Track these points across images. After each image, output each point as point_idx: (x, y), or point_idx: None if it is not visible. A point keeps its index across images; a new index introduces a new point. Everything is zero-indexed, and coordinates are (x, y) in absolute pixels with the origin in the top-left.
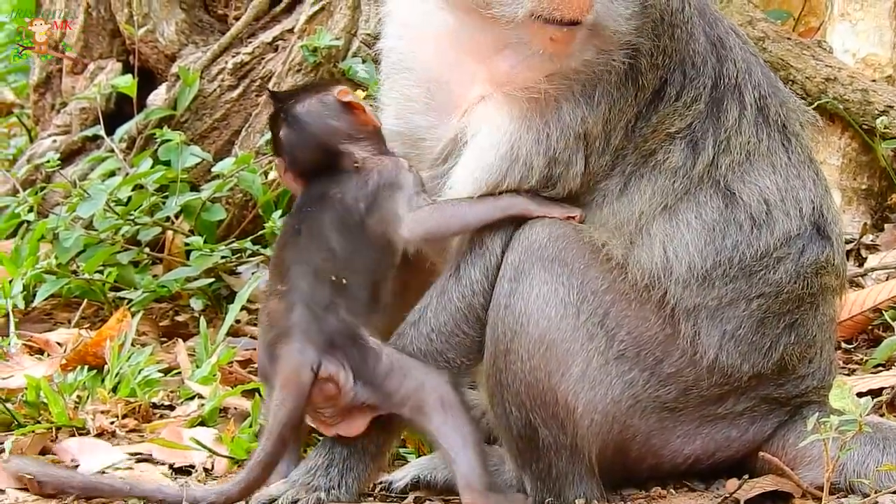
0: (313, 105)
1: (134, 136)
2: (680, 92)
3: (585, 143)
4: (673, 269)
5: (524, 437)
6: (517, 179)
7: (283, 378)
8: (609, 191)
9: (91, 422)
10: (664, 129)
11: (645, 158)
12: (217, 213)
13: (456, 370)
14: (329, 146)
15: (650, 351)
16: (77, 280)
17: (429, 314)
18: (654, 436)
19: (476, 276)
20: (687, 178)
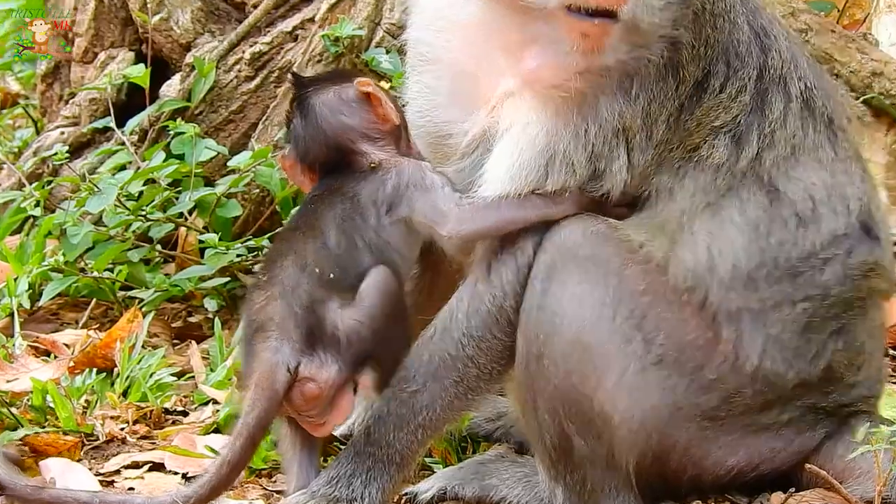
0: (330, 98)
1: (146, 128)
2: (724, 83)
3: (626, 137)
4: (716, 270)
5: (557, 447)
6: (560, 178)
7: (258, 377)
8: (659, 187)
9: (100, 427)
10: (709, 123)
11: (689, 153)
12: (233, 209)
13: (487, 376)
14: (342, 144)
15: (690, 356)
16: (85, 278)
17: (459, 317)
18: (694, 446)
19: (508, 276)
20: (730, 174)
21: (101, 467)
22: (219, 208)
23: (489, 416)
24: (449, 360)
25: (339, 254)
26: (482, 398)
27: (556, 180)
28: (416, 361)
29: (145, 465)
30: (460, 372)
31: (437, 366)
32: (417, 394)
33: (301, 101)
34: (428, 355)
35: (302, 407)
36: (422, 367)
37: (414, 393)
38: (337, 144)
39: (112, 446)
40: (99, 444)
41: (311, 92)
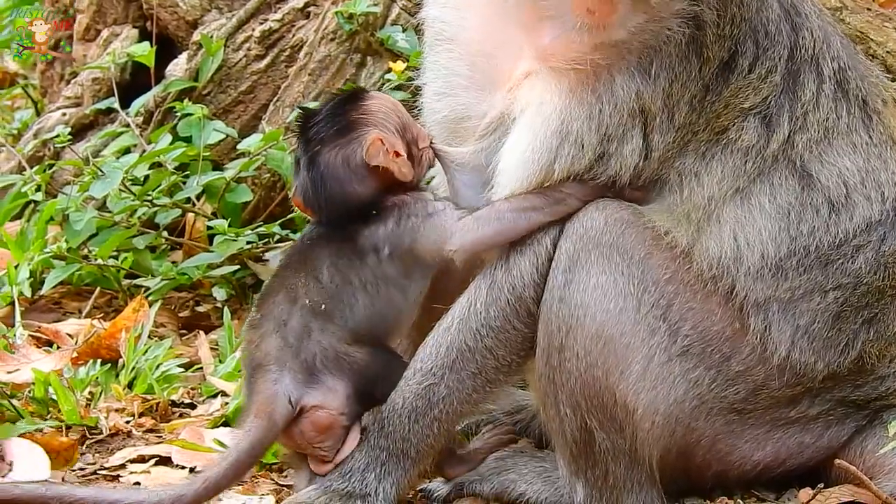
0: (337, 165)
1: (151, 109)
2: (753, 63)
3: (644, 119)
4: (744, 258)
5: (579, 440)
6: (569, 159)
7: (257, 406)
8: (684, 171)
9: (104, 421)
10: (737, 105)
11: (717, 136)
12: (242, 194)
13: (506, 368)
14: (348, 206)
15: (717, 347)
16: (89, 266)
17: (478, 307)
18: (720, 440)
19: (526, 266)
20: (760, 158)
21: (105, 461)
22: (228, 193)
23: (508, 409)
24: (467, 352)
25: (332, 288)
26: (501, 391)
27: (563, 164)
28: (432, 353)
29: (151, 459)
30: (478, 364)
31: (454, 357)
32: (434, 386)
33: (309, 160)
34: (445, 346)
35: (314, 438)
36: (438, 359)
37: (430, 385)
38: (342, 207)
39: (117, 440)
40: (103, 437)
41: (319, 152)
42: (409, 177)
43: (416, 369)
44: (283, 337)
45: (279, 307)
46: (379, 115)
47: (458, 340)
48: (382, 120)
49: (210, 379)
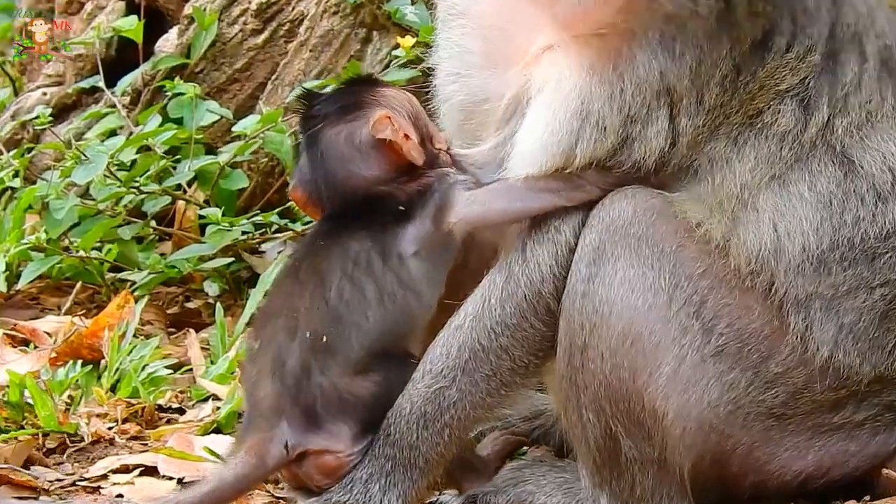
0: (341, 143)
1: (139, 88)
2: (791, 42)
3: (670, 100)
4: (783, 251)
5: (603, 448)
6: (591, 142)
7: (251, 443)
8: (714, 157)
9: (85, 427)
10: (773, 86)
11: (751, 120)
12: (237, 180)
13: (522, 370)
14: (357, 192)
15: (754, 347)
16: (70, 258)
17: (493, 303)
18: (758, 448)
19: (545, 258)
20: (797, 144)
21: (85, 472)
22: (222, 179)
23: (526, 414)
24: (480, 352)
25: (338, 308)
26: (517, 394)
27: (585, 147)
28: (443, 353)
29: (136, 468)
30: (493, 365)
31: (467, 358)
32: (445, 389)
33: (309, 138)
34: (457, 346)
35: (321, 481)
36: (450, 360)
37: (441, 389)
38: (349, 194)
39: (98, 448)
40: (84, 445)
41: (321, 129)
42: (418, 160)
43: (426, 371)
44: (281, 380)
45: (278, 340)
46: (391, 98)
47: (470, 340)
48: (394, 103)
49: (200, 381)
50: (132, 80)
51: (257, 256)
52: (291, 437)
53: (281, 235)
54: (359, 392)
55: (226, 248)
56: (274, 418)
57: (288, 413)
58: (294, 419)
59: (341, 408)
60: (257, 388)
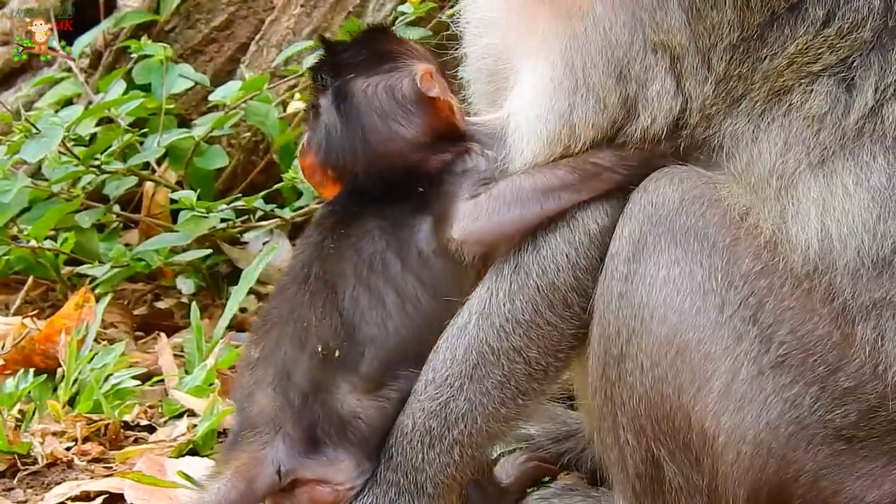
0: (381, 97)
1: (100, 49)
2: (831, 14)
3: (670, 57)
4: (835, 251)
5: (644, 475)
6: (587, 108)
7: (238, 465)
8: (738, 135)
9: (39, 447)
10: (805, 64)
11: (778, 97)
12: (215, 158)
13: (540, 374)
14: (389, 160)
15: (821, 357)
16: (19, 249)
17: (500, 298)
18: (825, 476)
19: (559, 243)
20: (838, 130)
21: (39, 499)
22: (197, 157)
23: (555, 434)
24: (490, 355)
25: (353, 319)
26: (536, 404)
27: (582, 116)
28: (446, 358)
29: (98, 496)
30: (505, 369)
31: (474, 362)
32: (451, 401)
33: (337, 90)
34: (462, 350)
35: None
36: (455, 366)
37: (446, 400)
38: (382, 159)
39: (55, 471)
40: (38, 468)
41: (355, 81)
42: (463, 125)
43: (428, 381)
44: (284, 393)
45: (284, 350)
46: (424, 53)
47: (477, 341)
48: (430, 58)
49: (174, 394)
50: (91, 39)
51: (239, 248)
52: (286, 460)
53: (266, 223)
54: (368, 414)
55: (202, 237)
56: (268, 435)
57: (285, 432)
58: (291, 440)
59: (345, 432)
60: (252, 401)
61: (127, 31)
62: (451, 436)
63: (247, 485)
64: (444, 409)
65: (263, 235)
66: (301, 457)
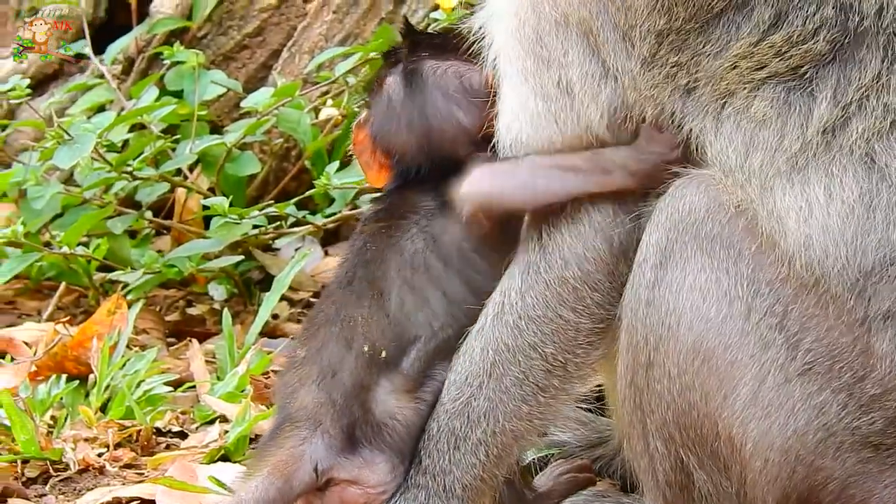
0: (450, 80)
1: (132, 56)
2: (779, 19)
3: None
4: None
5: (673, 483)
6: (539, 106)
7: (277, 462)
8: (697, 132)
9: (71, 453)
10: (748, 69)
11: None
12: (247, 164)
13: (559, 370)
14: (440, 142)
15: (847, 364)
16: (52, 255)
17: (513, 297)
18: (852, 483)
19: (564, 238)
20: (799, 140)
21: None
22: (229, 164)
23: (587, 441)
24: (506, 352)
25: (400, 320)
26: (559, 402)
27: (536, 111)
28: (465, 360)
29: (130, 502)
30: (522, 366)
31: (492, 361)
32: (472, 400)
33: (408, 68)
34: (479, 349)
35: None
36: (473, 365)
37: (468, 400)
38: (434, 139)
39: (87, 477)
40: (70, 474)
41: (426, 60)
42: None
43: (451, 382)
44: (328, 392)
45: (330, 349)
46: None
47: (493, 340)
48: None
49: (205, 400)
50: (124, 45)
51: (271, 255)
52: (324, 458)
53: (298, 230)
54: (405, 415)
55: (234, 244)
56: (307, 431)
57: (325, 430)
58: (330, 438)
59: (382, 433)
60: (295, 397)
61: (159, 38)
62: (475, 435)
63: (284, 482)
64: (466, 408)
65: (295, 242)
66: (338, 456)
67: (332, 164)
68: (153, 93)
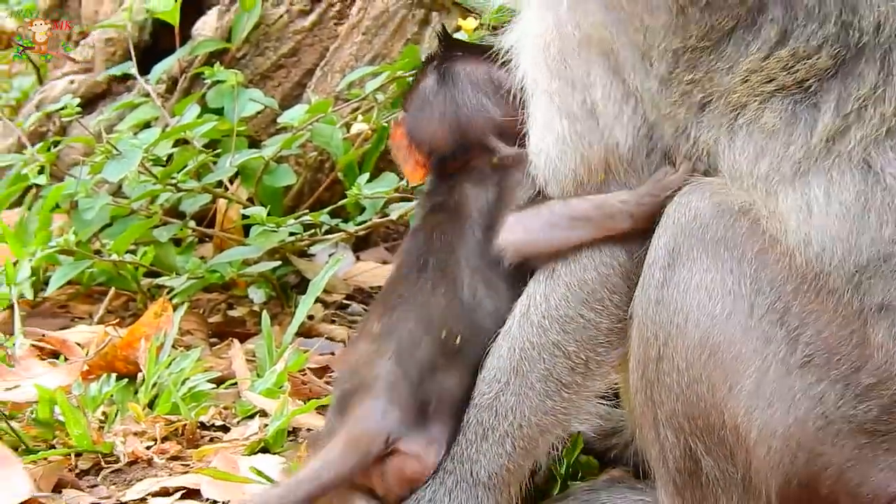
0: (479, 75)
1: (176, 75)
2: (784, 36)
3: (604, 56)
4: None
5: (682, 469)
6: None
7: (351, 436)
8: (711, 143)
9: (121, 446)
10: (758, 82)
11: (735, 110)
12: (284, 176)
13: (581, 368)
14: (471, 132)
15: (844, 356)
16: (101, 263)
17: (538, 300)
18: (850, 468)
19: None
20: (804, 147)
21: (122, 495)
22: (267, 175)
23: (602, 431)
24: (531, 350)
25: (473, 308)
26: (581, 399)
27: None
28: (495, 358)
29: (177, 491)
30: (547, 363)
31: (518, 358)
32: (500, 395)
33: (442, 65)
34: (507, 348)
35: (393, 487)
36: (501, 362)
37: (496, 394)
38: (465, 130)
39: (136, 469)
40: (120, 466)
41: (459, 60)
42: None
43: (480, 379)
44: (406, 368)
45: (408, 329)
46: None
47: (520, 339)
48: None
49: (246, 396)
50: (168, 66)
51: (306, 260)
52: (395, 430)
53: (332, 237)
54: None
55: (272, 250)
56: (383, 403)
57: (401, 404)
58: (403, 412)
59: (447, 415)
60: (370, 366)
61: (201, 59)
62: (501, 427)
63: (360, 454)
64: (494, 402)
65: (329, 248)
66: (408, 428)
67: (363, 176)
68: (195, 110)
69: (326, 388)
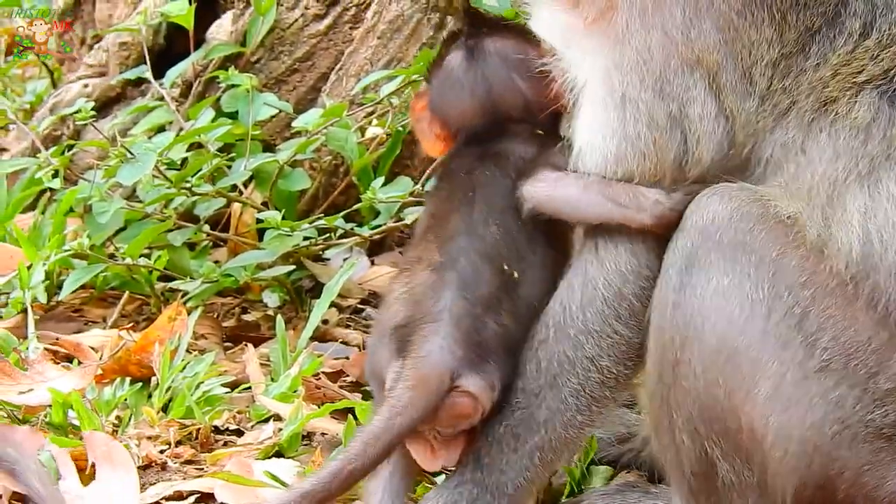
0: (509, 50)
1: (190, 79)
2: (868, 27)
3: (708, 74)
4: (877, 255)
5: (699, 473)
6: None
7: (418, 376)
8: (788, 145)
9: (135, 450)
10: (850, 75)
11: (824, 107)
12: (298, 180)
13: (612, 382)
14: (500, 108)
15: (862, 361)
16: (115, 266)
17: (574, 311)
18: (866, 472)
19: (621, 255)
20: (884, 140)
21: None
22: (281, 180)
23: (618, 436)
24: (566, 364)
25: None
26: (606, 411)
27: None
28: (531, 369)
29: (190, 495)
30: (581, 378)
31: (555, 372)
32: (533, 407)
33: (471, 40)
34: (545, 360)
35: (444, 423)
36: (539, 375)
37: (529, 407)
38: (495, 105)
39: (150, 473)
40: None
41: (488, 35)
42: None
43: (517, 389)
44: (471, 302)
45: (472, 260)
46: None
47: (557, 352)
48: None
49: (260, 400)
50: (182, 70)
51: (321, 264)
52: (458, 367)
53: (346, 241)
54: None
55: (286, 255)
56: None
57: (464, 339)
58: (468, 350)
59: (502, 356)
60: (438, 297)
61: (215, 63)
62: (532, 441)
63: (427, 395)
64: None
65: (343, 252)
66: (469, 367)
67: (378, 180)
68: (209, 114)
69: (342, 392)
